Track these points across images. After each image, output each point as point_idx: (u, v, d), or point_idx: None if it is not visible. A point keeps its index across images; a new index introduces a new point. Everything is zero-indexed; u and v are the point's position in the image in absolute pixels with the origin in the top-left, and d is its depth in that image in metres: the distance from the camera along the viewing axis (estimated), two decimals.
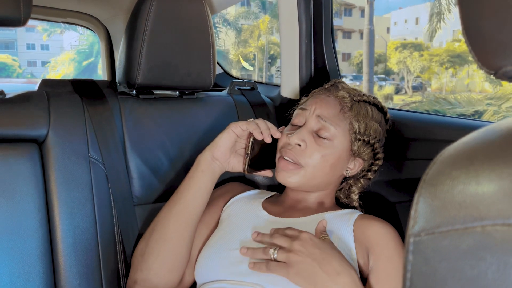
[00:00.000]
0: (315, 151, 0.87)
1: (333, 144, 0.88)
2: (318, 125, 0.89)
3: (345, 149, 0.89)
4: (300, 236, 0.74)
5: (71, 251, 0.92)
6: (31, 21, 1.14)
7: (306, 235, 0.74)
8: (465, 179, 0.28)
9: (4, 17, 0.85)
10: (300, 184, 0.89)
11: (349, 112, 0.90)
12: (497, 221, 0.25)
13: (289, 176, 0.88)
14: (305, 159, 0.87)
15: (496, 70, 0.33)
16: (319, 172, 0.88)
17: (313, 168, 0.87)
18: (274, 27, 18.39)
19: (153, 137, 1.05)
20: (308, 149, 0.87)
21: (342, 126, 0.89)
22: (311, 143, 0.88)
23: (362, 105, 0.92)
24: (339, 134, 0.88)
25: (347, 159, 0.91)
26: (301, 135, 0.88)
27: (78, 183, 0.94)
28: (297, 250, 0.72)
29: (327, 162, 0.88)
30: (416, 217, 0.30)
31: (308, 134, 0.88)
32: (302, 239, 0.73)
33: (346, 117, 0.90)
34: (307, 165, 0.87)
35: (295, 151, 0.88)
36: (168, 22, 1.01)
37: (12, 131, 0.91)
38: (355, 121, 0.89)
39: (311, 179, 0.88)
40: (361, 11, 25.71)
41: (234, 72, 6.69)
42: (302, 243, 0.73)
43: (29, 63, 28.71)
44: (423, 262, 0.28)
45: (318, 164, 0.87)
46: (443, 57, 18.24)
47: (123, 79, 1.04)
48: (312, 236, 0.74)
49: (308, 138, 0.88)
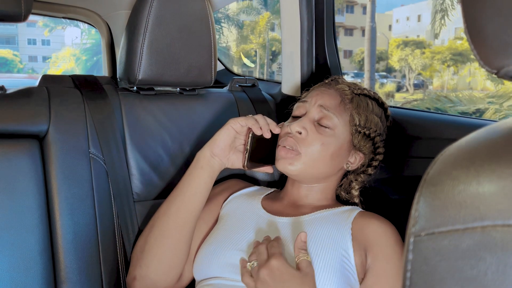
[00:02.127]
0: (316, 139, 0.87)
1: (334, 134, 0.88)
2: (320, 114, 0.89)
3: (346, 141, 0.89)
4: (269, 264, 0.70)
5: (71, 247, 0.92)
6: (32, 17, 1.14)
7: (275, 263, 0.69)
8: (465, 179, 0.28)
9: (5, 12, 0.85)
10: (299, 172, 0.88)
11: (350, 104, 0.90)
12: (497, 221, 0.25)
13: (289, 163, 0.87)
14: (305, 148, 0.87)
15: (498, 69, 0.33)
16: (319, 160, 0.87)
17: (312, 156, 0.87)
18: (276, 23, 18.36)
19: (154, 133, 1.05)
20: (308, 137, 0.87)
21: (344, 117, 0.89)
22: (312, 131, 0.87)
23: (363, 98, 0.92)
24: (340, 124, 0.88)
25: (347, 151, 0.90)
26: (302, 123, 0.88)
27: (78, 179, 0.94)
28: (262, 279, 0.69)
29: (328, 150, 0.87)
30: (417, 216, 0.30)
31: (309, 122, 0.88)
32: (270, 267, 0.69)
33: (346, 109, 0.90)
34: (306, 152, 0.87)
35: (295, 139, 0.87)
36: (169, 18, 1.01)
37: (12, 126, 0.91)
38: (355, 113, 0.89)
39: (311, 167, 0.88)
40: (363, 8, 25.65)
41: (235, 69, 6.68)
42: (268, 273, 0.69)
43: (30, 58, 28.71)
44: (423, 261, 0.28)
45: (318, 152, 0.87)
46: (445, 55, 18.20)
47: (123, 75, 1.04)
48: (281, 265, 0.69)
49: (309, 126, 0.88)
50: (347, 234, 0.82)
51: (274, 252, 0.72)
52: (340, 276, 0.76)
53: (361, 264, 0.79)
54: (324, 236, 0.81)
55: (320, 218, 0.86)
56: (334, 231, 0.82)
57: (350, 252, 0.80)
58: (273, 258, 0.70)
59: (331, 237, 0.81)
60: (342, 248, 0.80)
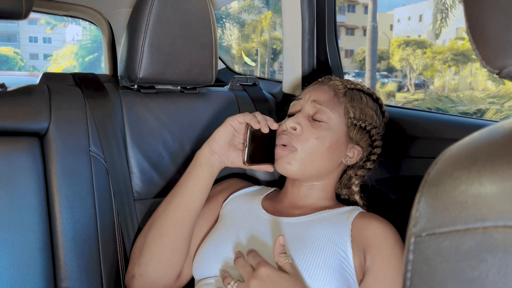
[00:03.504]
0: (311, 134, 0.87)
1: (329, 127, 0.88)
2: (314, 109, 0.90)
3: (342, 133, 0.89)
4: (258, 273, 0.69)
5: (71, 245, 0.92)
6: (34, 14, 1.14)
7: (264, 271, 0.69)
8: (467, 179, 0.27)
9: (6, 10, 0.85)
10: (299, 171, 0.88)
11: (343, 98, 0.91)
12: (499, 222, 0.25)
13: (288, 162, 0.87)
14: (301, 143, 0.87)
15: (500, 70, 0.32)
16: (316, 155, 0.87)
17: (309, 151, 0.87)
18: (278, 22, 18.33)
19: (154, 132, 1.05)
20: (304, 132, 0.87)
21: (338, 110, 0.90)
22: (307, 126, 0.88)
23: (356, 92, 0.93)
24: (335, 117, 0.89)
25: (345, 144, 0.90)
26: (296, 119, 0.88)
27: (79, 177, 0.94)
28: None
29: (324, 145, 0.87)
30: (418, 216, 0.29)
31: (303, 118, 0.89)
32: (259, 277, 0.68)
33: (340, 102, 0.90)
34: (303, 148, 0.87)
35: (290, 135, 0.88)
36: (170, 17, 1.01)
37: (13, 124, 0.91)
38: (350, 106, 0.90)
39: (310, 164, 0.87)
40: (365, 7, 25.62)
41: (236, 67, 6.67)
42: (259, 283, 0.68)
43: (31, 56, 28.70)
44: (424, 262, 0.28)
45: (314, 147, 0.87)
46: (446, 55, 18.18)
47: (124, 73, 1.04)
48: (271, 273, 0.69)
49: (304, 121, 0.88)
50: (346, 235, 0.81)
51: (258, 260, 0.71)
52: (338, 277, 0.76)
53: (359, 265, 0.79)
54: (322, 236, 0.81)
55: (320, 219, 0.86)
56: (333, 232, 0.82)
57: (349, 253, 0.79)
58: (260, 267, 0.69)
59: (330, 237, 0.81)
60: (341, 249, 0.79)
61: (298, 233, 0.83)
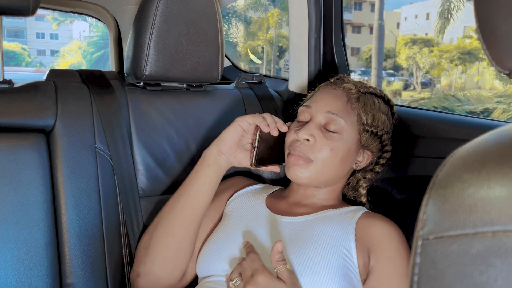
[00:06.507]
0: (324, 145, 0.85)
1: (342, 137, 0.87)
2: (326, 119, 0.87)
3: (354, 142, 0.88)
4: (255, 280, 0.68)
5: (77, 242, 0.92)
6: (41, 10, 1.14)
7: (261, 279, 0.68)
8: (476, 182, 0.27)
9: (13, 6, 0.85)
10: (310, 179, 0.87)
11: (356, 104, 0.89)
12: (508, 227, 0.25)
13: (300, 171, 0.86)
14: (315, 154, 0.85)
15: (511, 70, 0.32)
16: (329, 166, 0.86)
17: (323, 162, 0.86)
18: (284, 19, 18.29)
19: (160, 129, 1.05)
20: (317, 144, 0.86)
21: (351, 118, 0.88)
22: (320, 137, 0.86)
23: (369, 97, 0.91)
24: (348, 126, 0.87)
25: (356, 151, 0.89)
26: (309, 130, 0.86)
27: (84, 174, 0.94)
28: None
29: (337, 156, 0.86)
30: (425, 219, 0.29)
31: (316, 128, 0.87)
32: (256, 284, 0.68)
33: (353, 108, 0.88)
34: (317, 159, 0.85)
35: (304, 147, 0.86)
36: (177, 14, 1.01)
37: (19, 120, 0.92)
38: (362, 112, 0.88)
39: (321, 174, 0.87)
40: (371, 5, 25.49)
41: (242, 65, 6.66)
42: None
43: (38, 51, 28.85)
44: (431, 265, 0.28)
45: (328, 158, 0.86)
46: (453, 53, 18.07)
47: (130, 70, 1.04)
48: (267, 280, 0.68)
49: (317, 132, 0.86)
50: (350, 234, 0.81)
51: (256, 267, 0.70)
52: (342, 276, 0.75)
53: (363, 265, 0.79)
54: (326, 235, 0.81)
55: (324, 218, 0.85)
56: (337, 230, 0.82)
57: (353, 252, 0.79)
58: (257, 274, 0.68)
59: (334, 236, 0.81)
60: (345, 248, 0.79)
61: (302, 231, 0.83)
